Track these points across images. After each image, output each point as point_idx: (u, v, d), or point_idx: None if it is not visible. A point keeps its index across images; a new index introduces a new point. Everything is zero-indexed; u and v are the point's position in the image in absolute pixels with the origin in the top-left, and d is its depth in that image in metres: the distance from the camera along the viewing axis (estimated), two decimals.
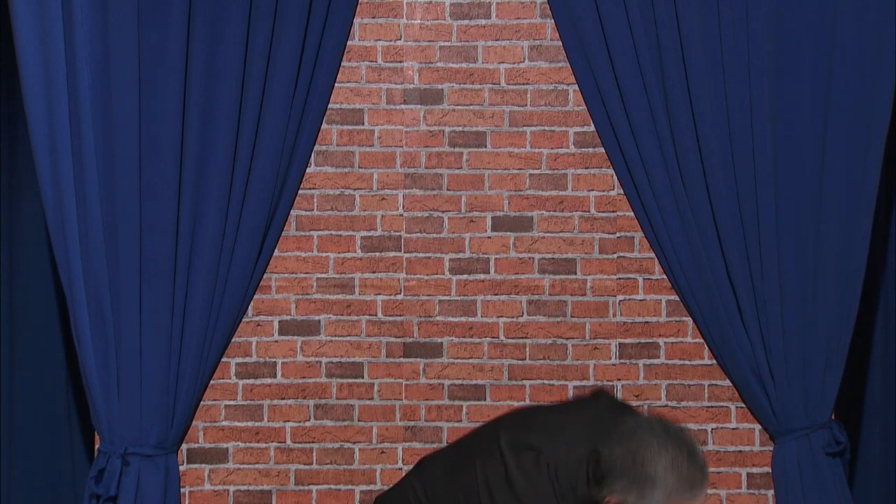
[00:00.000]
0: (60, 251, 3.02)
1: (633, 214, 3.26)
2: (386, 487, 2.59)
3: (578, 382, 3.30)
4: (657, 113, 3.15)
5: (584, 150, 3.31)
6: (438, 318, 3.29)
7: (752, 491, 3.26)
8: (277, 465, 3.26)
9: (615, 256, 3.31)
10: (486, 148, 3.29)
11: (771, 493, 3.24)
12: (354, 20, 3.29)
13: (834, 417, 3.19)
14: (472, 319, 3.26)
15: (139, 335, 3.04)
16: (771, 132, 3.10)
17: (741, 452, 3.27)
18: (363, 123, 3.31)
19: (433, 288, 3.29)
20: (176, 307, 3.07)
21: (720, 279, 3.15)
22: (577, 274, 3.32)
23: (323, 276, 3.29)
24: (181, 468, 3.20)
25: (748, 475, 3.27)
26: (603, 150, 3.26)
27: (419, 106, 3.31)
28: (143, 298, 3.04)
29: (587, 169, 3.30)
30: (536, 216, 3.29)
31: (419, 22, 3.32)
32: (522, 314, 3.32)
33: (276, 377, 3.29)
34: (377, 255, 3.29)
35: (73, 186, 2.99)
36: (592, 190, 3.31)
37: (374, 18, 3.32)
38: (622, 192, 3.27)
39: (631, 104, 3.16)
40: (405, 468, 3.14)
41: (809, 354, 3.12)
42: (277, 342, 3.28)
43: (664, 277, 3.27)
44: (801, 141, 3.12)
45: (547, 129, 3.31)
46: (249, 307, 3.25)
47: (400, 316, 3.29)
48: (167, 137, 3.05)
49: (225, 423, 3.27)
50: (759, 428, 3.25)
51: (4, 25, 3.06)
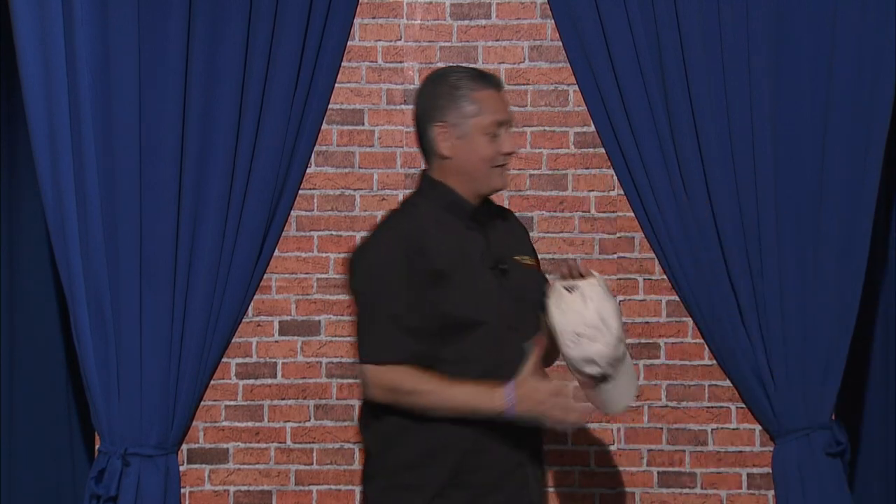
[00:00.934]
0: (60, 251, 3.02)
1: (633, 215, 3.26)
2: None
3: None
4: (657, 113, 3.16)
5: (584, 150, 3.31)
6: None
7: (752, 491, 3.26)
8: (278, 465, 3.26)
9: (615, 257, 3.31)
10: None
11: (771, 493, 3.24)
12: (355, 20, 3.29)
13: (834, 418, 3.19)
14: None
15: (139, 335, 3.04)
16: (771, 132, 3.10)
17: (741, 453, 3.27)
18: (363, 124, 3.31)
19: None
20: (176, 307, 3.07)
21: (720, 279, 3.15)
22: None
23: (323, 276, 3.29)
24: (181, 468, 3.20)
25: (748, 476, 3.27)
26: (603, 150, 3.26)
27: None
28: (143, 298, 3.04)
29: (587, 169, 3.30)
30: (537, 216, 3.29)
31: (419, 22, 3.32)
32: None
33: (276, 377, 3.29)
34: None
35: (73, 186, 3.00)
36: (593, 190, 3.31)
37: (374, 19, 3.32)
38: (622, 192, 3.27)
39: (631, 104, 3.16)
40: None
41: (810, 355, 3.12)
42: (278, 342, 3.28)
43: (664, 278, 3.27)
44: (801, 141, 3.12)
45: (547, 129, 3.31)
46: (250, 307, 3.25)
47: None
48: (167, 137, 3.05)
49: (225, 423, 3.27)
50: (759, 428, 3.25)
51: (4, 25, 3.06)
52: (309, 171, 3.28)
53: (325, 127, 3.27)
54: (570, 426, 2.05)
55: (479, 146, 2.18)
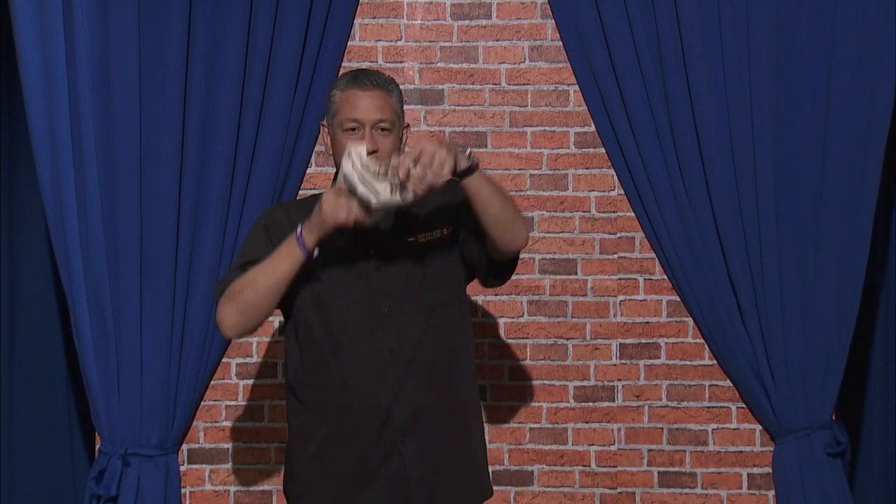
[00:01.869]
0: (61, 251, 3.01)
1: (633, 215, 3.27)
2: None
3: (579, 383, 3.30)
4: (658, 113, 3.16)
5: (584, 150, 3.31)
6: None
7: (752, 491, 3.27)
8: (278, 465, 3.26)
9: (616, 257, 3.31)
10: (486, 148, 3.29)
11: (771, 493, 3.24)
12: (355, 20, 3.29)
13: (834, 418, 3.19)
14: (473, 320, 3.26)
15: (139, 335, 3.04)
16: (771, 132, 3.10)
17: (742, 453, 3.27)
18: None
19: None
20: (176, 307, 3.07)
21: (720, 279, 3.15)
22: (577, 274, 3.32)
23: None
24: (182, 468, 3.20)
25: (749, 476, 3.27)
26: (603, 150, 3.26)
27: (420, 106, 3.31)
28: (143, 298, 3.04)
29: (588, 169, 3.31)
30: (537, 216, 3.30)
31: (420, 22, 3.32)
32: (523, 314, 3.32)
33: (276, 377, 3.28)
34: None
35: (73, 186, 2.99)
36: (593, 190, 3.31)
37: (374, 19, 3.32)
38: (623, 192, 3.27)
39: (631, 104, 3.16)
40: None
41: (810, 355, 3.12)
42: (278, 342, 3.28)
43: (665, 278, 3.27)
44: (801, 141, 3.12)
45: (547, 129, 3.31)
46: None
47: None
48: (167, 137, 3.05)
49: (225, 423, 3.27)
50: (759, 428, 3.25)
51: (5, 25, 3.06)
52: (309, 171, 3.28)
53: None
54: (342, 219, 2.21)
55: (338, 143, 2.37)
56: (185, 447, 3.23)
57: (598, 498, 3.29)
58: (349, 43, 3.28)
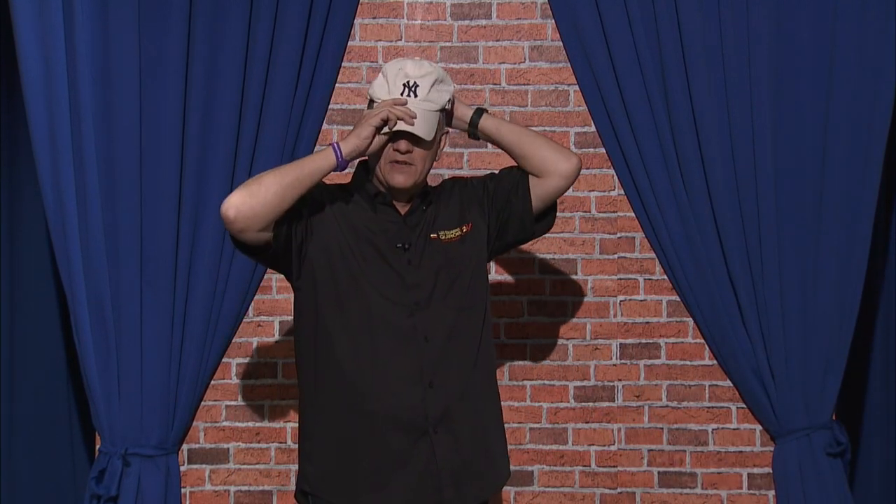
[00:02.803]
0: (61, 251, 3.01)
1: (633, 215, 3.26)
2: None
3: (579, 383, 3.30)
4: (658, 113, 3.15)
5: (584, 150, 3.31)
6: None
7: (752, 491, 3.27)
8: (278, 465, 3.26)
9: (616, 257, 3.31)
10: (487, 149, 3.29)
11: (772, 493, 3.24)
12: (355, 20, 3.28)
13: (835, 418, 3.19)
14: None
15: (140, 335, 3.04)
16: (771, 132, 3.10)
17: (742, 453, 3.27)
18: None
19: None
20: (177, 307, 3.07)
21: (721, 279, 3.15)
22: (577, 274, 3.32)
23: None
24: (182, 468, 3.20)
25: (749, 476, 3.27)
26: (603, 150, 3.26)
27: None
28: (143, 298, 3.04)
29: (588, 169, 3.30)
30: None
31: (420, 22, 3.32)
32: (523, 314, 3.32)
33: (276, 377, 3.29)
34: None
35: (73, 186, 2.99)
36: (593, 190, 3.31)
37: (374, 19, 3.32)
38: (623, 192, 3.27)
39: (631, 104, 3.16)
40: None
41: (810, 355, 3.12)
42: (278, 342, 3.28)
43: (665, 278, 3.27)
44: (801, 141, 3.12)
45: (548, 129, 3.31)
46: (250, 307, 3.25)
47: None
48: (168, 137, 3.04)
49: (226, 423, 3.27)
50: (759, 428, 3.25)
51: (5, 25, 3.06)
52: None
53: (325, 127, 3.27)
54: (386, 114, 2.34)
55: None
56: (185, 447, 3.23)
57: (598, 498, 3.29)
58: (349, 43, 3.27)
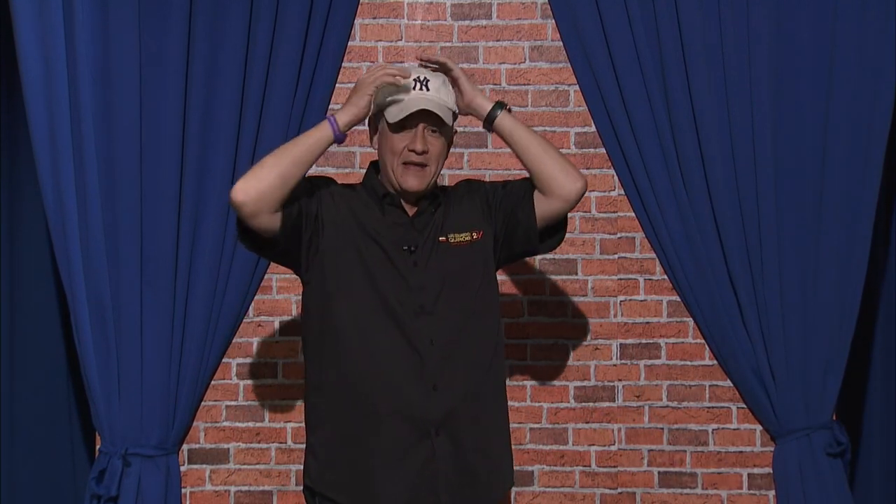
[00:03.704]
0: (61, 251, 3.01)
1: (633, 215, 3.27)
2: None
3: (579, 383, 3.30)
4: (658, 113, 3.16)
5: (584, 150, 3.31)
6: None
7: (752, 492, 3.27)
8: (278, 465, 3.26)
9: (616, 257, 3.31)
10: (487, 149, 3.29)
11: (772, 493, 3.24)
12: (355, 21, 3.29)
13: (835, 418, 3.19)
14: None
15: (140, 335, 3.04)
16: (771, 132, 3.10)
17: (742, 453, 3.27)
18: (364, 124, 3.30)
19: None
20: (177, 308, 3.07)
21: (721, 279, 3.15)
22: (577, 274, 3.32)
23: None
24: (182, 469, 3.20)
25: (749, 476, 3.27)
26: (604, 150, 3.26)
27: None
28: (143, 299, 3.04)
29: (588, 169, 3.30)
30: None
31: (420, 23, 3.32)
32: (523, 315, 3.32)
33: (276, 378, 3.28)
34: None
35: (73, 186, 2.99)
36: (593, 190, 3.31)
37: (374, 19, 3.32)
38: (623, 192, 3.27)
39: (632, 105, 3.16)
40: None
41: (810, 355, 3.13)
42: (278, 342, 3.28)
43: (665, 278, 3.27)
44: (801, 140, 3.12)
45: (548, 129, 3.31)
46: (250, 308, 3.25)
47: None
48: (168, 137, 3.05)
49: (226, 423, 3.27)
50: (759, 428, 3.25)
51: (5, 25, 3.06)
52: (309, 171, 3.27)
53: None
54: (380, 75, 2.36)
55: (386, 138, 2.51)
56: (185, 447, 3.23)
57: (598, 498, 3.29)
58: (349, 43, 3.28)
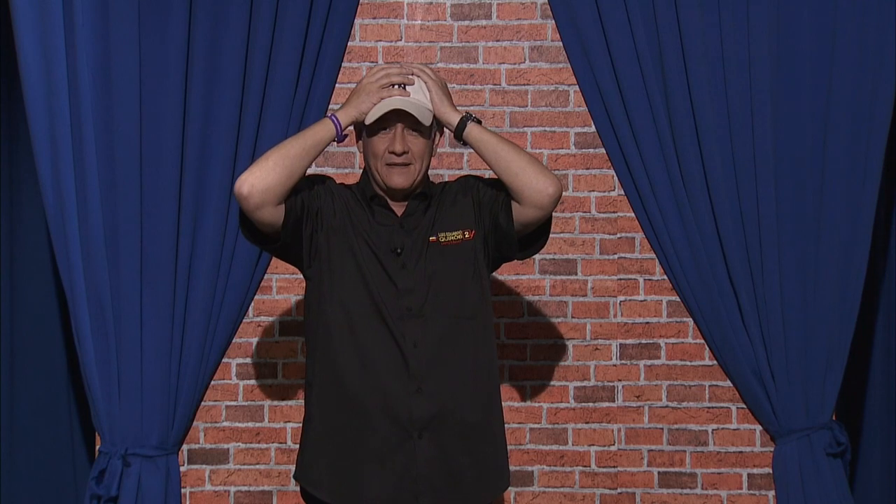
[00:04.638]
0: (61, 252, 3.01)
1: (633, 215, 3.26)
2: None
3: (579, 383, 3.30)
4: (658, 113, 3.15)
5: (584, 150, 3.31)
6: None
7: (752, 492, 3.27)
8: (278, 465, 3.26)
9: (616, 257, 3.32)
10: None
11: (772, 493, 3.24)
12: (355, 21, 3.28)
13: (835, 418, 3.19)
14: None
15: (140, 336, 3.03)
16: (772, 132, 3.10)
17: (742, 453, 3.28)
18: (364, 124, 3.31)
19: None
20: (177, 308, 3.06)
21: (721, 280, 3.15)
22: (577, 275, 3.32)
23: None
24: (182, 469, 3.20)
25: (749, 476, 3.27)
26: (604, 150, 3.26)
27: None
28: (143, 299, 3.04)
29: (588, 170, 3.31)
30: None
31: (420, 23, 3.32)
32: (523, 315, 3.32)
33: (276, 378, 3.28)
34: None
35: (73, 186, 2.99)
36: (593, 191, 3.31)
37: (374, 19, 3.32)
38: (623, 192, 3.27)
39: (632, 105, 3.16)
40: None
41: (810, 355, 3.12)
42: (278, 343, 3.28)
43: (665, 278, 3.27)
44: (801, 140, 3.12)
45: (548, 129, 3.31)
46: (250, 308, 3.25)
47: None
48: (168, 138, 3.04)
49: (226, 423, 3.27)
50: (759, 429, 3.25)
51: (5, 25, 3.06)
52: (309, 171, 3.26)
53: None
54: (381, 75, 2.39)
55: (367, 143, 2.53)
56: (185, 447, 3.23)
57: (598, 498, 3.29)
58: (349, 43, 3.27)
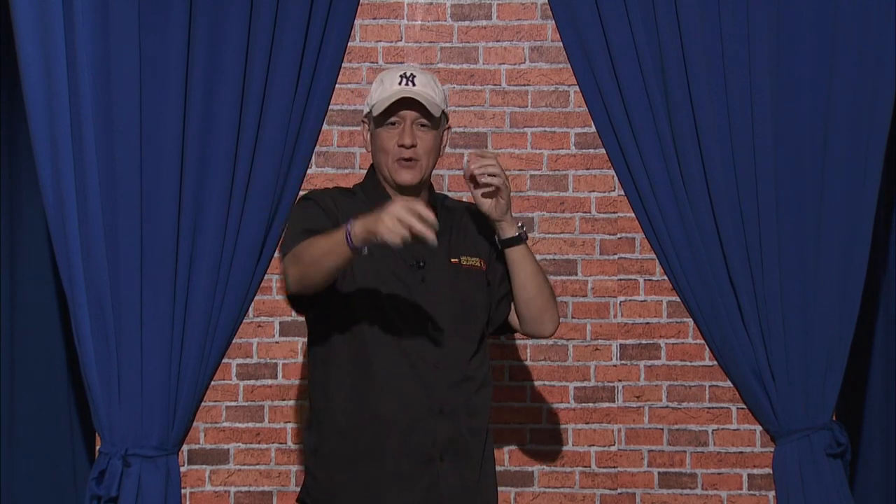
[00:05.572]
0: (61, 252, 3.01)
1: (633, 215, 3.26)
2: None
3: (579, 383, 3.30)
4: (658, 114, 3.15)
5: (584, 151, 3.32)
6: None
7: (752, 492, 3.27)
8: (278, 466, 3.26)
9: (616, 257, 3.32)
10: (487, 149, 3.29)
11: (772, 494, 3.24)
12: (355, 21, 3.28)
13: (835, 418, 3.19)
14: None
15: (140, 336, 3.03)
16: (772, 132, 3.10)
17: (742, 454, 3.28)
18: (359, 125, 3.31)
19: None
20: (177, 308, 3.06)
21: (721, 280, 3.15)
22: (577, 275, 3.32)
23: None
24: (182, 469, 3.20)
25: (749, 476, 3.27)
26: (604, 151, 3.26)
27: None
28: (143, 299, 3.03)
29: (588, 170, 3.31)
30: (537, 217, 3.30)
31: (420, 23, 3.33)
32: None
33: (276, 378, 3.28)
34: None
35: (73, 187, 2.98)
36: (593, 191, 3.31)
37: (375, 20, 3.32)
38: (623, 193, 3.27)
39: (632, 105, 3.16)
40: None
41: (810, 355, 3.12)
42: (278, 343, 3.28)
43: (665, 278, 3.27)
44: (802, 141, 3.11)
45: (548, 130, 3.31)
46: (250, 308, 3.25)
47: None
48: (168, 138, 3.04)
49: (226, 424, 3.27)
50: (759, 429, 3.25)
51: (5, 25, 3.06)
52: (310, 171, 3.28)
53: (325, 128, 3.26)
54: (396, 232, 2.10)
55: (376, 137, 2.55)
56: (185, 448, 3.23)
57: (598, 498, 3.29)
58: (349, 44, 3.27)
